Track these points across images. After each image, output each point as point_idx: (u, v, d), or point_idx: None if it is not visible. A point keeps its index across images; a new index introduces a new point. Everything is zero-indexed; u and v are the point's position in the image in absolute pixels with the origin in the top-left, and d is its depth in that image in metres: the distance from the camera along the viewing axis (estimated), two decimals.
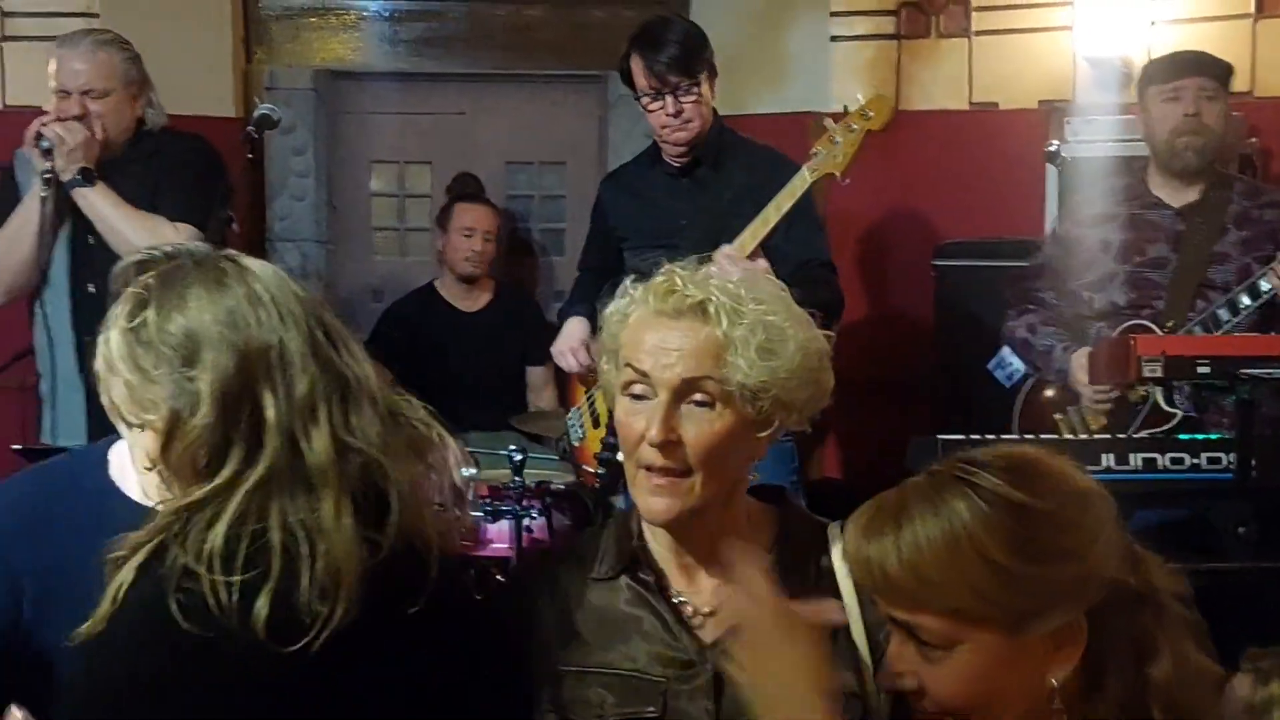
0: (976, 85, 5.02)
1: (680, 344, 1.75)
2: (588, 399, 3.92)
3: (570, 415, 4.00)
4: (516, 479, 4.08)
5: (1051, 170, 4.46)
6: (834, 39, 5.13)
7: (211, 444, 1.64)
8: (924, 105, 5.07)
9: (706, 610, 1.84)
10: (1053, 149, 4.40)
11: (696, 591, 1.85)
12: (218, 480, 1.63)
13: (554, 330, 5.51)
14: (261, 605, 1.57)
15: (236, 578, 1.57)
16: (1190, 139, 3.71)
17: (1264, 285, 3.53)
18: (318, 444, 1.64)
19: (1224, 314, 3.57)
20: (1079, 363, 3.74)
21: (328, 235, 5.64)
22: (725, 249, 3.48)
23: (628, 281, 1.85)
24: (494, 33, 5.61)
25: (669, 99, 3.72)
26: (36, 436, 3.83)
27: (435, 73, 5.64)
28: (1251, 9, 4.53)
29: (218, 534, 1.59)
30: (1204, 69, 3.76)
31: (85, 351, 3.66)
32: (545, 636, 1.85)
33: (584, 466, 3.93)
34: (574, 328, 4.00)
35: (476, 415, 4.88)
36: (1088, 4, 4.69)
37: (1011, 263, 4.68)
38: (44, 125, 3.61)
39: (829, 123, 3.58)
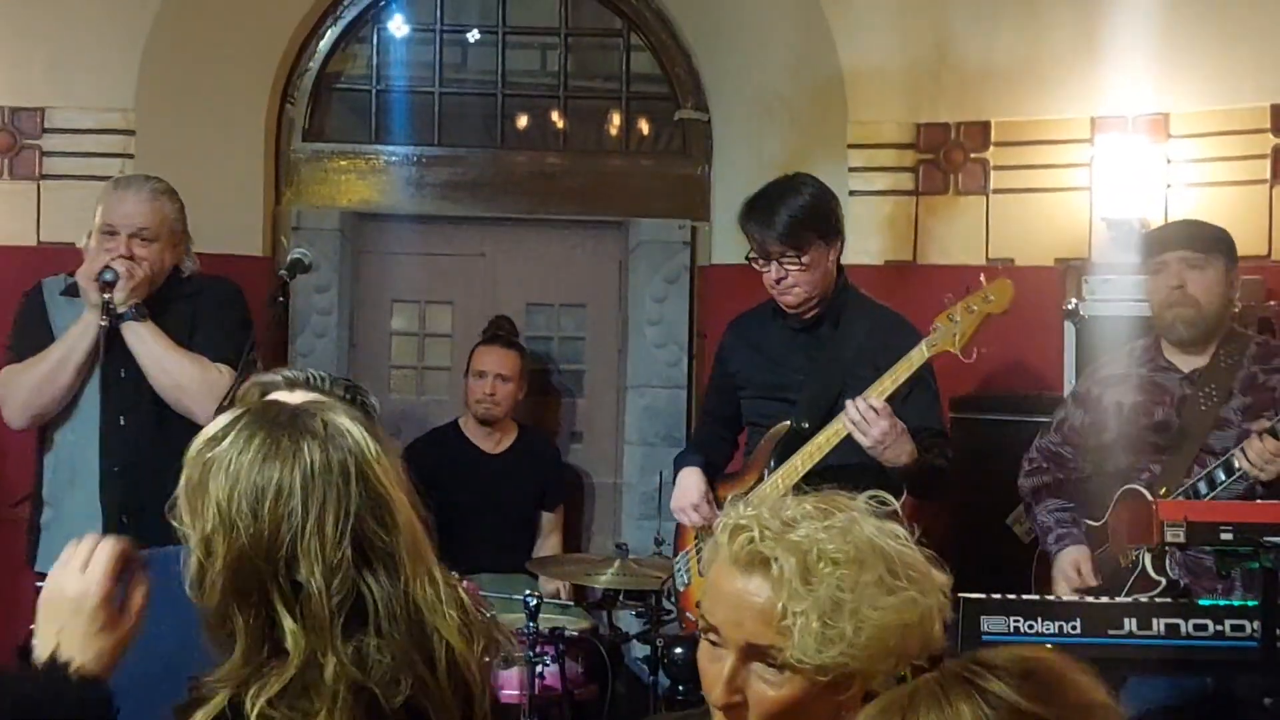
0: (993, 242, 5.06)
1: (750, 603, 1.62)
2: (697, 546, 3.89)
3: (678, 559, 3.96)
4: (530, 624, 4.06)
5: (1070, 328, 4.48)
6: (852, 193, 5.20)
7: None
8: (940, 260, 5.12)
9: None
10: (1071, 307, 4.44)
11: None
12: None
13: (571, 474, 5.60)
14: None
15: None
16: (1178, 310, 3.69)
17: (1235, 464, 3.44)
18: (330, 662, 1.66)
19: (1203, 487, 3.50)
20: (1064, 562, 3.72)
21: (348, 373, 5.67)
22: (872, 400, 3.44)
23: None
24: (516, 179, 5.70)
25: (774, 265, 3.75)
26: (31, 566, 3.81)
27: (458, 215, 5.72)
28: (1267, 175, 4.58)
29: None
30: (1186, 241, 3.74)
31: (109, 483, 3.71)
32: None
33: (686, 613, 3.89)
34: (691, 482, 3.91)
35: (490, 556, 4.87)
36: (1105, 166, 4.76)
37: (1028, 417, 4.68)
38: (111, 260, 3.68)
39: (948, 299, 3.57)
